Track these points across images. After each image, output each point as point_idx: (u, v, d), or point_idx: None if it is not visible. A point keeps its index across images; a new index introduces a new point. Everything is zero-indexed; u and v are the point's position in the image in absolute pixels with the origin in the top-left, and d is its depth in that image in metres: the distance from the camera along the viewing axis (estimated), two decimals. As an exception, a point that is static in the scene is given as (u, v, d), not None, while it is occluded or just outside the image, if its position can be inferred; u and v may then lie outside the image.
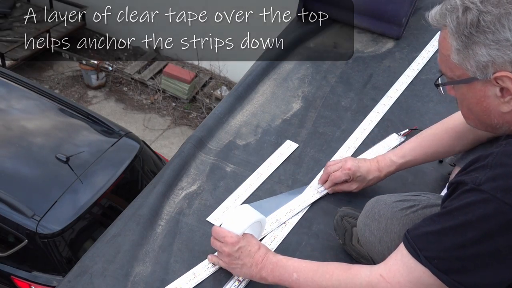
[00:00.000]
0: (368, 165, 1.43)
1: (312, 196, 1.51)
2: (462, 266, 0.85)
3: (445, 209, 0.89)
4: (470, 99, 0.92)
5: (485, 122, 0.94)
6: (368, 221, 1.21)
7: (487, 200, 0.81)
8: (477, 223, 0.82)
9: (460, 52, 0.87)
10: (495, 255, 0.83)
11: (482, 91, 0.89)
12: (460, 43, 0.87)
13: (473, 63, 0.86)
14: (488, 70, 0.85)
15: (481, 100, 0.90)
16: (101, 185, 3.38)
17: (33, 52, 6.73)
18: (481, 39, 0.83)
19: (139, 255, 1.32)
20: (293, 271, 1.10)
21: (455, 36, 0.87)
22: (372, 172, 1.42)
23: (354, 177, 1.42)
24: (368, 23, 2.29)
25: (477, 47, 0.84)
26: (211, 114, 1.80)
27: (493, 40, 0.82)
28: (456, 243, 0.85)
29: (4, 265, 3.24)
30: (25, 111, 3.75)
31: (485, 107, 0.91)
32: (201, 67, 7.27)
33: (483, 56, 0.84)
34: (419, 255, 0.89)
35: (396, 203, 1.17)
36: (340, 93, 1.96)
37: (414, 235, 0.92)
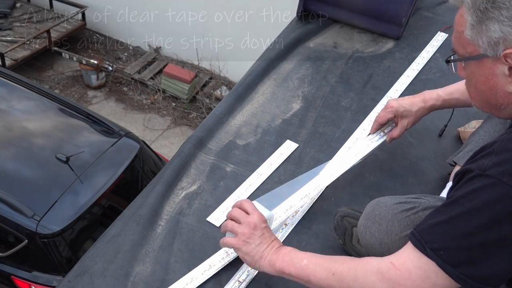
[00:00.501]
0: (411, 99, 1.49)
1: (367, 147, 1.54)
2: (468, 257, 0.84)
3: (451, 198, 0.88)
4: (479, 77, 0.93)
5: (490, 102, 0.94)
6: (368, 223, 1.21)
7: (493, 184, 0.81)
8: (484, 208, 0.81)
9: (474, 27, 0.88)
10: (502, 243, 0.82)
11: (491, 68, 0.89)
12: (475, 18, 0.87)
13: (485, 39, 0.87)
14: (499, 47, 0.85)
15: (489, 78, 0.90)
16: (101, 185, 3.38)
17: (33, 52, 6.73)
18: (496, 14, 0.84)
19: (139, 255, 1.32)
20: (303, 257, 1.09)
21: (471, 10, 0.87)
22: (416, 103, 1.48)
23: (398, 113, 1.49)
24: (368, 23, 2.29)
25: (491, 22, 0.85)
26: (211, 114, 1.80)
27: (507, 17, 0.83)
28: (462, 232, 0.84)
29: (4, 265, 3.24)
30: (25, 111, 3.75)
31: (492, 86, 0.91)
32: (201, 67, 7.27)
33: (496, 32, 0.85)
34: (425, 248, 0.89)
35: (397, 205, 1.17)
36: (340, 93, 1.96)
37: (420, 229, 0.92)
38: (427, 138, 1.76)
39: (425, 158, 1.69)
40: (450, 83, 2.06)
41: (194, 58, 7.29)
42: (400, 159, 1.67)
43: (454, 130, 1.77)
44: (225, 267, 1.29)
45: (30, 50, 6.73)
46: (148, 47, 7.70)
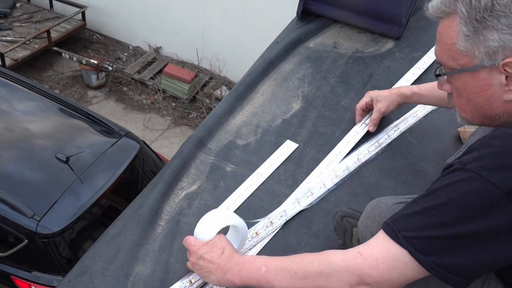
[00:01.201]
0: (389, 90, 1.70)
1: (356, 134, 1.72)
2: (442, 247, 0.84)
3: (428, 190, 0.88)
4: (473, 88, 0.91)
5: (484, 113, 0.93)
6: (368, 223, 1.21)
7: (472, 178, 0.81)
8: (460, 201, 0.81)
9: (469, 38, 0.86)
10: (476, 237, 0.81)
11: (487, 79, 0.88)
12: (470, 29, 0.85)
13: (482, 49, 0.85)
14: (497, 56, 0.84)
15: (485, 89, 0.89)
16: (101, 185, 3.38)
17: (33, 52, 6.73)
18: (494, 23, 0.82)
19: (139, 255, 1.32)
20: (261, 265, 1.04)
21: (466, 21, 0.85)
22: (390, 91, 1.68)
23: (373, 97, 1.69)
24: (368, 23, 2.29)
25: (489, 32, 0.83)
26: (211, 114, 1.80)
27: (507, 24, 0.81)
28: (437, 222, 0.84)
29: (4, 265, 3.24)
30: (25, 111, 3.75)
31: (488, 96, 0.89)
32: (201, 67, 7.27)
33: (494, 41, 0.83)
34: (397, 236, 0.88)
35: (397, 205, 1.17)
36: (340, 93, 1.96)
37: (394, 218, 0.91)
38: (427, 138, 1.76)
39: (425, 158, 1.69)
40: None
41: (194, 58, 7.30)
42: (400, 159, 1.67)
43: (454, 130, 1.77)
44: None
45: (30, 50, 6.73)
46: (148, 47, 7.70)
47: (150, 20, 7.42)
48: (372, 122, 1.71)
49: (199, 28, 7.11)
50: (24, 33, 7.01)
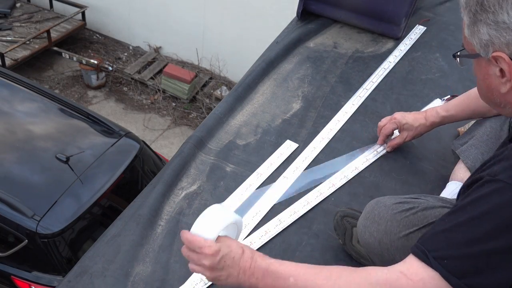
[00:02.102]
0: (415, 115, 1.60)
1: (373, 157, 1.67)
2: (474, 266, 0.80)
3: (457, 206, 0.85)
4: (479, 74, 0.94)
5: (491, 100, 0.95)
6: (368, 223, 1.21)
7: (503, 188, 0.78)
8: (493, 213, 0.78)
9: (469, 27, 0.89)
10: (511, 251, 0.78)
11: (486, 68, 0.90)
12: (468, 19, 0.89)
13: (478, 40, 0.88)
14: (489, 49, 0.86)
15: (485, 77, 0.91)
16: (101, 185, 3.37)
17: (33, 52, 6.73)
18: (484, 17, 0.85)
19: (139, 255, 1.32)
20: (289, 275, 0.95)
21: (465, 11, 0.89)
22: (418, 119, 1.57)
23: (401, 125, 1.60)
24: (368, 23, 2.29)
25: (481, 25, 0.86)
26: (211, 114, 1.80)
27: (493, 21, 0.84)
28: (469, 238, 0.80)
29: (4, 265, 3.24)
30: (25, 112, 3.74)
31: (488, 85, 0.92)
32: (201, 67, 7.27)
33: (484, 34, 0.86)
34: (428, 257, 0.83)
35: (396, 205, 1.17)
36: (340, 93, 1.96)
37: (423, 239, 0.87)
38: (427, 138, 1.76)
39: (425, 158, 1.69)
40: (449, 83, 2.07)
41: (194, 58, 7.29)
42: (400, 159, 1.67)
43: (454, 130, 1.77)
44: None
45: (30, 50, 6.73)
46: (148, 47, 7.70)
47: (150, 20, 7.42)
48: (393, 146, 1.67)
49: (199, 28, 7.10)
50: (24, 33, 7.00)
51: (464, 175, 1.43)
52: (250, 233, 1.40)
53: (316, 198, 1.52)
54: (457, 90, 1.97)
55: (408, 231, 1.12)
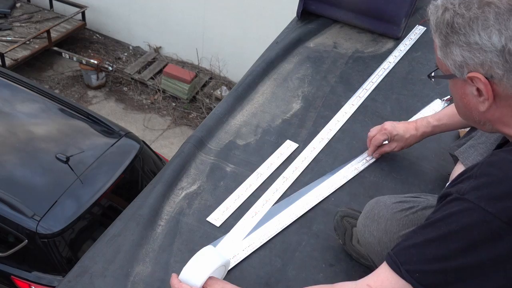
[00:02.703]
0: (406, 125, 1.57)
1: (362, 165, 1.64)
2: (444, 280, 0.83)
3: (428, 220, 0.87)
4: (455, 94, 0.94)
5: (470, 118, 0.95)
6: (367, 222, 1.21)
7: (470, 209, 0.80)
8: (461, 233, 0.81)
9: (441, 49, 0.89)
10: (479, 268, 0.80)
11: (462, 88, 0.90)
12: (440, 41, 0.89)
13: (452, 62, 0.88)
14: (464, 70, 0.86)
15: (463, 97, 0.91)
16: (101, 185, 3.37)
17: (33, 52, 6.73)
18: (455, 39, 0.85)
19: (139, 255, 1.32)
20: None
21: (436, 34, 0.89)
22: (409, 130, 1.55)
23: (391, 136, 1.57)
24: (368, 23, 2.29)
25: (453, 46, 0.86)
26: (211, 114, 1.80)
27: (465, 42, 0.84)
28: (439, 255, 0.83)
29: (4, 265, 3.24)
30: (25, 112, 3.74)
31: (466, 104, 0.92)
32: (201, 67, 7.27)
33: (458, 56, 0.86)
34: (400, 269, 0.87)
35: (396, 204, 1.18)
36: (340, 93, 1.96)
37: (396, 250, 0.90)
38: (427, 138, 1.76)
39: (425, 158, 1.69)
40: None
41: (194, 58, 7.29)
42: (400, 159, 1.67)
43: (455, 131, 1.77)
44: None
45: (30, 50, 6.73)
46: (148, 47, 7.70)
47: (150, 20, 7.41)
48: (380, 153, 1.65)
49: (199, 28, 7.10)
50: (24, 33, 7.00)
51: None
52: (248, 234, 1.40)
53: (315, 198, 1.52)
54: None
55: (407, 231, 1.12)
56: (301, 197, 1.52)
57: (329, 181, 1.58)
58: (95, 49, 7.71)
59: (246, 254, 1.35)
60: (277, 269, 1.32)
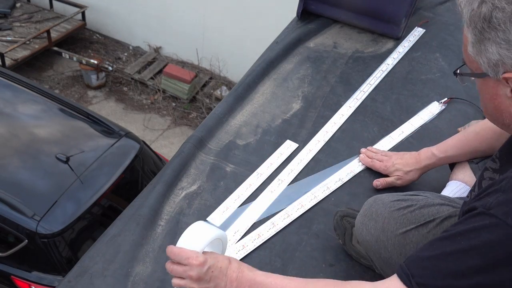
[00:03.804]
0: (406, 158, 1.50)
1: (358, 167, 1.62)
2: None
3: (448, 233, 0.82)
4: (485, 94, 0.88)
5: (498, 120, 0.90)
6: (365, 220, 1.21)
7: (496, 225, 0.75)
8: (482, 249, 0.76)
9: (474, 45, 0.83)
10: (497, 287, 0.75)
11: (494, 88, 0.84)
12: (474, 37, 0.82)
13: (485, 60, 0.82)
14: (499, 69, 0.80)
15: (493, 98, 0.86)
16: (101, 185, 3.37)
17: (33, 52, 6.73)
18: (492, 36, 0.78)
19: (139, 255, 1.32)
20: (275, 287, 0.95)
21: (470, 28, 0.82)
22: (410, 164, 1.48)
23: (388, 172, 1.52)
24: (368, 23, 2.29)
25: (489, 43, 0.80)
26: (211, 114, 1.80)
27: (504, 39, 0.77)
28: (455, 271, 0.78)
29: (4, 265, 3.24)
30: (25, 112, 3.74)
31: (497, 105, 0.86)
32: (201, 67, 7.26)
33: (494, 54, 0.79)
34: (410, 282, 0.82)
35: (394, 203, 1.17)
36: (340, 93, 1.96)
37: (409, 261, 0.85)
38: (427, 138, 1.76)
39: (425, 158, 1.68)
40: (449, 83, 2.06)
41: (194, 58, 7.29)
42: (400, 159, 1.67)
43: (454, 130, 1.77)
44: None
45: (30, 50, 6.73)
46: (148, 47, 7.70)
47: (150, 20, 7.41)
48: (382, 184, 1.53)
49: (199, 28, 7.10)
50: (24, 33, 7.00)
51: (464, 174, 1.42)
52: (242, 236, 1.40)
53: (310, 201, 1.51)
54: (457, 90, 1.97)
55: (405, 229, 1.12)
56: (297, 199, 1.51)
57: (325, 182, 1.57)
58: (95, 49, 7.71)
59: (240, 257, 1.35)
60: (277, 269, 1.32)
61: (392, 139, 1.75)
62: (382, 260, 1.18)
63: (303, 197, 1.52)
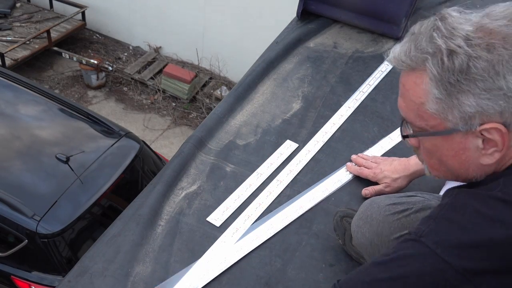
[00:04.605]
0: (395, 165, 1.48)
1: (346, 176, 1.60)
2: None
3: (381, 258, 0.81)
4: (445, 151, 0.82)
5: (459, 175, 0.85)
6: (360, 223, 1.20)
7: (425, 254, 0.74)
8: (412, 278, 0.75)
9: (441, 101, 0.77)
10: None
11: (461, 143, 0.79)
12: (443, 92, 0.76)
13: (457, 114, 0.76)
14: (474, 121, 0.75)
15: (459, 153, 0.80)
16: (101, 185, 3.38)
17: (33, 52, 6.73)
18: (470, 87, 0.73)
19: (139, 255, 1.32)
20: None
21: (438, 83, 0.76)
22: (398, 170, 1.46)
23: (377, 179, 1.50)
24: (368, 23, 2.29)
25: (464, 96, 0.74)
26: (211, 114, 1.80)
27: (484, 89, 0.73)
28: None
29: (4, 265, 3.24)
30: (25, 112, 3.75)
31: (463, 160, 0.81)
32: (201, 67, 7.26)
33: (471, 106, 0.74)
34: None
35: (389, 206, 1.16)
36: (340, 93, 1.96)
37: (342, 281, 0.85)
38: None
39: (425, 158, 1.68)
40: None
41: (194, 58, 7.29)
42: (400, 159, 1.67)
43: (454, 130, 1.77)
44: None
45: (30, 50, 6.73)
46: (148, 47, 7.70)
47: (150, 20, 7.41)
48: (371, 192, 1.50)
49: (199, 28, 7.10)
50: (24, 33, 7.00)
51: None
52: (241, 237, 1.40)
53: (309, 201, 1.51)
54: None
55: (399, 234, 1.11)
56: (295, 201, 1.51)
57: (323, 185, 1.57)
58: (95, 49, 7.71)
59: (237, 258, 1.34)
60: (277, 269, 1.33)
61: (391, 139, 1.75)
62: None
63: (302, 198, 1.52)
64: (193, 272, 1.28)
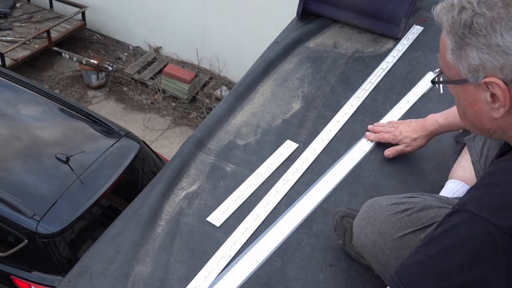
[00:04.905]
0: (413, 125, 1.58)
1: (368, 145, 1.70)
2: None
3: (429, 236, 0.84)
4: (464, 100, 0.89)
5: (478, 126, 0.91)
6: (363, 224, 1.20)
7: (471, 220, 0.76)
8: (462, 245, 0.77)
9: (454, 52, 0.84)
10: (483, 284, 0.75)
11: (474, 94, 0.85)
12: (454, 43, 0.84)
13: (465, 65, 0.83)
14: (479, 74, 0.82)
15: (473, 103, 0.87)
16: (101, 185, 3.38)
17: (33, 52, 6.73)
18: (473, 41, 0.80)
19: (139, 255, 1.32)
20: None
21: (450, 35, 0.84)
22: (417, 130, 1.56)
23: (397, 140, 1.61)
24: (368, 23, 2.29)
25: (469, 49, 0.81)
26: (211, 114, 1.80)
27: (484, 44, 0.79)
28: (441, 271, 0.78)
29: (4, 265, 3.24)
30: (25, 112, 3.74)
31: (476, 111, 0.87)
32: (201, 67, 7.26)
33: (474, 59, 0.81)
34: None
35: (391, 206, 1.16)
36: (340, 93, 1.96)
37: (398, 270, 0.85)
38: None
39: (425, 158, 1.69)
40: (450, 83, 2.06)
41: (194, 58, 7.29)
42: (400, 159, 1.67)
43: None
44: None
45: (30, 50, 6.73)
46: (148, 47, 7.70)
47: (150, 20, 7.41)
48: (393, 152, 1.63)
49: (199, 28, 7.10)
50: (24, 33, 7.00)
51: (464, 173, 1.42)
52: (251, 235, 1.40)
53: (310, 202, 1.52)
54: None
55: (402, 233, 1.11)
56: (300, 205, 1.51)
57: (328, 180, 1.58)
58: (95, 49, 7.71)
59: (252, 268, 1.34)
60: (277, 269, 1.33)
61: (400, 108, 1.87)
62: (380, 263, 1.18)
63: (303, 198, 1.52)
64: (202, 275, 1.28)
